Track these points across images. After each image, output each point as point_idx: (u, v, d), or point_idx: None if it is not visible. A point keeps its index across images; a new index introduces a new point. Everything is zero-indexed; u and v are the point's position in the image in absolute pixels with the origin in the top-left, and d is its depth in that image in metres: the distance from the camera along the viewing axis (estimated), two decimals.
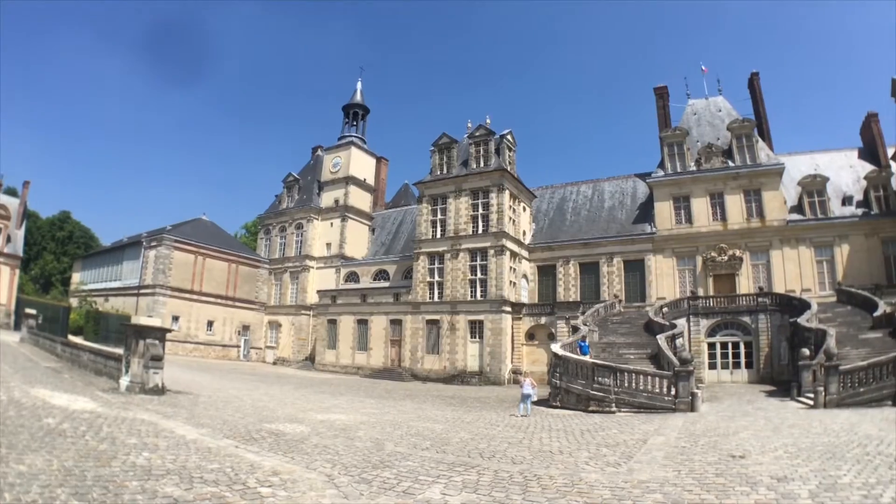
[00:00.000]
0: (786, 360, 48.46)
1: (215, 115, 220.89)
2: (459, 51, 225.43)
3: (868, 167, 64.26)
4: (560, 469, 15.25)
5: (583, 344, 40.21)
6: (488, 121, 67.94)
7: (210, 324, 74.21)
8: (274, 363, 76.01)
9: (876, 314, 46.05)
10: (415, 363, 63.64)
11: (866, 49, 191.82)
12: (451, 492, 12.41)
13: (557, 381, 35.62)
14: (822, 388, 31.79)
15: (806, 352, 37.75)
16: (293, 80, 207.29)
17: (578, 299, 62.59)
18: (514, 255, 64.38)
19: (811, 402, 32.13)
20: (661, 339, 40.47)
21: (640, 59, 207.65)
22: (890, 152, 63.72)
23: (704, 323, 53.34)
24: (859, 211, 60.66)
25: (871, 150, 67.33)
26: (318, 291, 75.63)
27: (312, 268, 79.68)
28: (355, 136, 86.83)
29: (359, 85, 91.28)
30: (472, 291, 62.79)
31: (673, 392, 31.87)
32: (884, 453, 16.34)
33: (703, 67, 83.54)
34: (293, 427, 21.38)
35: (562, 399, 34.88)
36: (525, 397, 30.10)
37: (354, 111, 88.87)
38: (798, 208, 61.56)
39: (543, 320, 60.95)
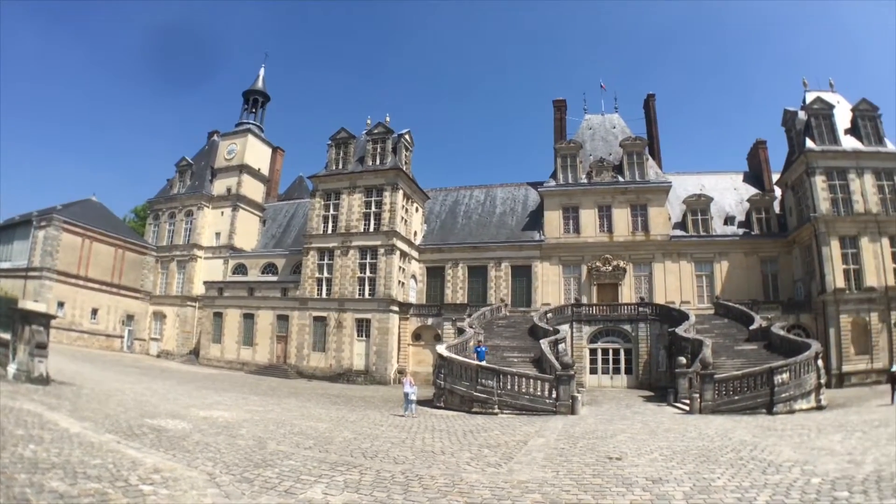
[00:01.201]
0: (664, 367, 49.76)
1: (114, 88, 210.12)
2: (366, 46, 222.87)
3: (752, 190, 67.76)
4: (442, 469, 15.27)
5: (480, 349, 39.29)
6: (388, 119, 66.54)
7: (94, 312, 69.16)
8: (158, 356, 71.59)
9: (752, 327, 48.53)
10: (301, 360, 61.39)
11: (762, 80, 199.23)
12: (333, 491, 12.33)
13: (442, 383, 35.39)
14: (697, 395, 32.85)
15: (683, 360, 39.44)
16: (198, 60, 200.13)
17: (466, 302, 62.23)
18: (404, 255, 63.36)
19: (687, 408, 33.00)
20: (545, 343, 40.87)
21: (544, 72, 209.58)
22: (775, 178, 67.13)
23: (587, 329, 54.00)
24: (741, 231, 64.02)
25: (756, 175, 70.76)
26: (205, 283, 72.35)
27: (200, 257, 75.55)
28: (253, 124, 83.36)
29: (261, 71, 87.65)
30: (360, 289, 61.26)
31: (554, 395, 32.21)
32: (757, 458, 16.76)
33: (602, 85, 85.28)
34: (175, 423, 20.82)
35: (446, 400, 34.73)
36: (406, 396, 30.08)
37: (255, 98, 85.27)
38: (682, 225, 64.14)
39: (430, 321, 60.20)
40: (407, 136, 67.42)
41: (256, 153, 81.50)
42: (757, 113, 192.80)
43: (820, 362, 36.93)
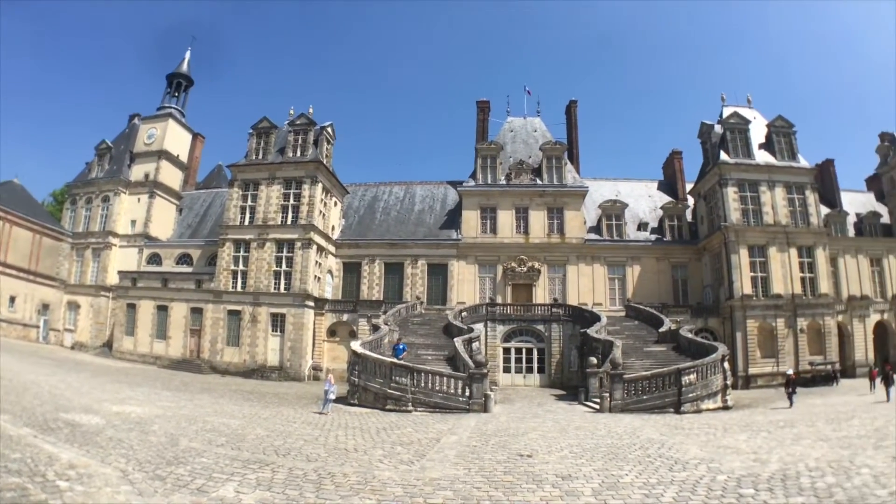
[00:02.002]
0: (575, 366, 49.81)
1: (38, 67, 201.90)
2: (295, 37, 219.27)
3: (666, 198, 69.44)
4: (354, 467, 15.22)
5: (398, 347, 39.10)
6: (311, 110, 64.63)
7: (12, 300, 65.05)
8: (72, 347, 67.62)
9: (661, 329, 49.71)
10: (214, 355, 58.90)
11: (683, 92, 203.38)
12: (246, 490, 12.23)
13: (356, 380, 34.91)
14: (607, 394, 33.21)
15: (594, 360, 39.92)
16: (125, 41, 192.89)
17: (382, 299, 61.06)
18: (321, 249, 61.90)
19: (597, 407, 33.22)
20: (459, 342, 40.40)
21: (471, 73, 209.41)
22: (688, 187, 69.39)
23: (501, 329, 53.66)
24: (653, 237, 65.47)
25: (670, 184, 72.62)
26: (119, 272, 68.60)
27: (115, 246, 71.48)
28: (175, 108, 79.70)
29: (187, 54, 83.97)
30: (276, 283, 59.07)
31: (468, 393, 32.33)
32: (665, 456, 17.19)
33: (527, 89, 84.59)
34: (88, 418, 20.55)
35: (360, 397, 34.33)
36: (325, 393, 29.62)
37: (178, 81, 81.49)
38: (597, 229, 65.16)
39: (346, 317, 58.77)
40: (329, 129, 65.90)
41: (176, 139, 77.89)
42: (675, 124, 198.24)
43: (726, 364, 37.62)
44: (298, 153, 63.09)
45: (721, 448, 18.63)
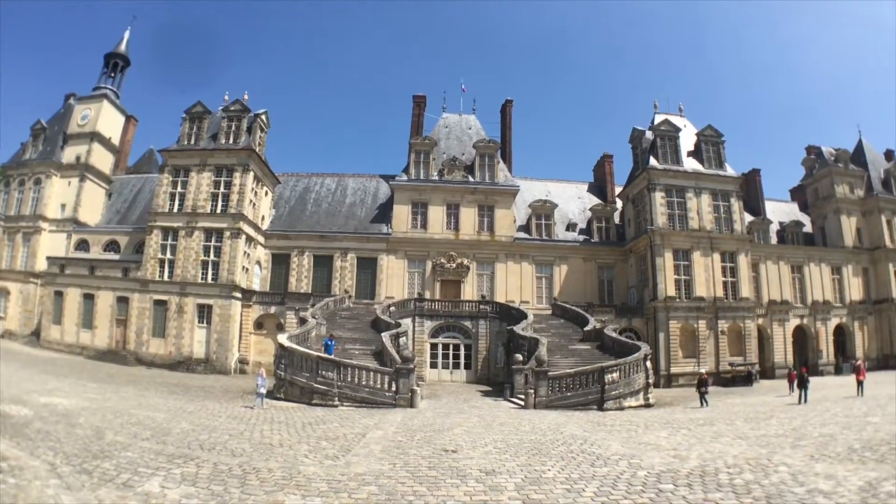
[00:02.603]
0: (502, 363, 50.52)
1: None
2: (236, 23, 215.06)
3: (595, 200, 70.66)
4: (279, 462, 15.08)
5: (329, 342, 38.58)
6: (246, 97, 62.49)
7: None
8: (1, 336, 65.52)
9: (587, 328, 50.39)
10: (140, 346, 56.57)
11: (618, 98, 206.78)
12: (171, 484, 12.01)
13: (283, 373, 34.63)
14: (532, 391, 33.51)
15: (519, 357, 40.11)
16: (70, 17, 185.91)
17: (310, 291, 59.69)
18: (250, 239, 60.05)
19: (522, 403, 33.75)
20: (386, 336, 40.77)
21: (409, 68, 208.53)
22: (617, 190, 70.54)
23: (429, 324, 53.82)
24: (581, 237, 66.43)
25: (600, 186, 73.96)
26: (48, 258, 65.78)
27: (45, 230, 67.94)
28: (110, 89, 76.17)
29: (126, 34, 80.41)
30: (203, 273, 56.71)
31: (394, 388, 32.37)
32: (587, 452, 17.43)
33: (463, 86, 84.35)
34: (17, 409, 20.34)
35: (286, 391, 34.02)
36: (257, 388, 29.51)
37: (115, 61, 77.93)
38: (526, 228, 65.62)
39: (273, 310, 56.98)
40: (263, 117, 64.15)
41: (110, 121, 74.61)
42: (608, 128, 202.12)
43: (649, 363, 38.64)
44: (231, 140, 61.16)
45: (642, 444, 18.95)
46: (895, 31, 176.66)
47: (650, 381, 37.55)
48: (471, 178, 65.53)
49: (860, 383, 36.86)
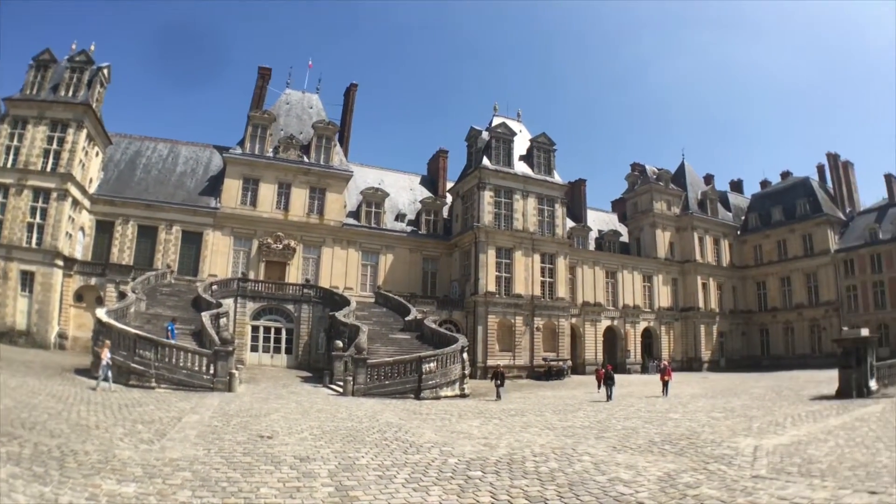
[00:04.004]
0: (323, 349, 50.94)
1: None
2: None
3: (426, 193, 73.97)
4: (96, 444, 14.89)
5: (171, 326, 38.01)
6: (92, 48, 59.57)
7: None
8: None
9: (408, 318, 52.77)
10: None
11: (463, 95, 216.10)
12: None
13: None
14: (351, 378, 34.61)
15: (340, 343, 40.88)
16: None
17: (132, 264, 57.08)
18: (76, 203, 55.67)
19: (341, 390, 34.69)
20: (206, 316, 40.04)
21: (260, 37, 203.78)
22: (449, 185, 74.59)
23: (251, 306, 53.58)
24: (409, 228, 69.41)
25: (433, 180, 77.22)
26: None
27: None
28: None
29: None
30: (28, 237, 52.60)
31: (212, 371, 32.29)
32: (401, 439, 18.23)
33: (311, 63, 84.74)
34: None
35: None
36: (102, 367, 28.47)
37: None
38: (356, 214, 67.37)
39: (94, 281, 53.92)
40: (105, 71, 59.75)
41: None
42: (448, 125, 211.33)
43: (466, 355, 40.99)
44: (71, 93, 56.81)
45: (455, 433, 20.15)
46: (722, 65, 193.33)
47: (466, 372, 39.92)
48: (306, 159, 66.20)
49: (665, 383, 39.22)
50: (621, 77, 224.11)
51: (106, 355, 28.57)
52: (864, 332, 33.45)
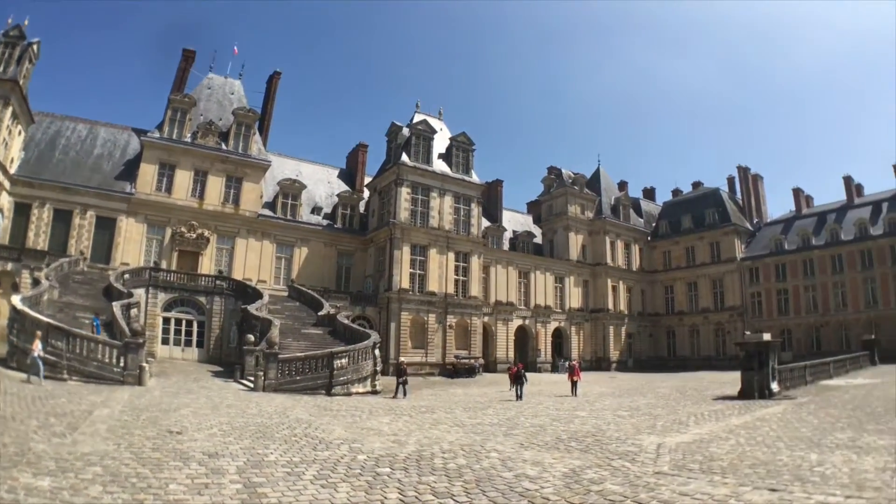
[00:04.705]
0: (235, 343, 50.30)
1: None
2: None
3: (344, 187, 75.07)
4: (13, 437, 14.92)
5: (97, 321, 37.75)
6: (26, 22, 56.44)
7: None
8: None
9: (321, 313, 52.86)
10: None
11: (388, 91, 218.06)
12: None
13: (16, 340, 32.60)
14: (262, 373, 34.59)
15: (251, 338, 40.83)
16: None
17: (47, 249, 54.66)
18: None
19: (252, 385, 34.62)
20: (117, 306, 39.23)
21: (190, 17, 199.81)
22: (367, 180, 75.54)
23: (163, 296, 52.43)
24: (325, 222, 70.28)
25: (351, 174, 78.27)
26: None
27: None
28: None
29: None
30: None
31: (123, 364, 31.67)
32: (311, 436, 18.23)
33: (236, 49, 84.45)
34: None
35: (19, 360, 31.37)
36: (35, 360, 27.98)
37: None
38: (272, 206, 67.62)
39: (10, 266, 50.25)
40: (35, 47, 56.67)
41: None
42: (371, 119, 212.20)
43: (378, 352, 41.83)
44: (1, 68, 54.06)
45: (365, 430, 20.14)
46: (645, 77, 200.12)
47: (378, 368, 40.70)
48: (224, 146, 65.44)
49: (574, 384, 39.17)
50: (551, 82, 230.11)
51: (37, 347, 28.24)
52: (767, 336, 34.97)
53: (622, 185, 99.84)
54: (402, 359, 46.10)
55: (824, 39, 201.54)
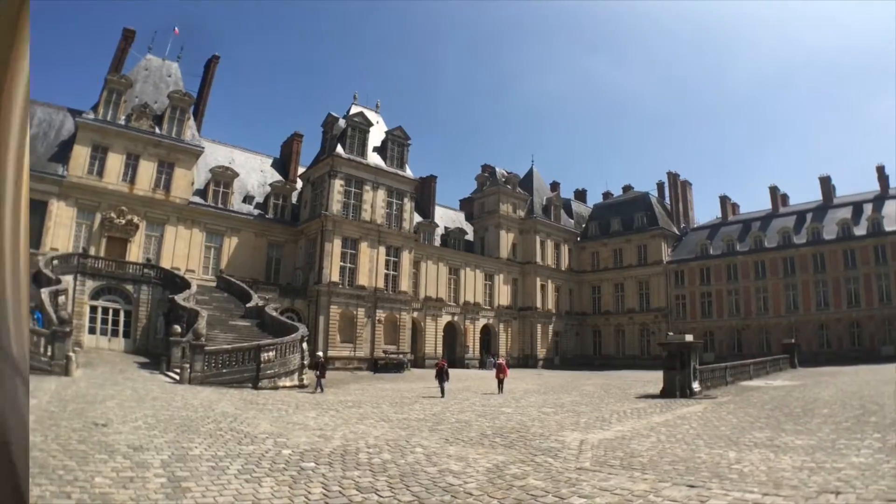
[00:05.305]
0: (162, 334, 49.54)
1: None
2: None
3: (277, 177, 75.08)
4: None
5: (39, 315, 36.09)
6: None
7: None
8: None
9: (249, 305, 52.56)
10: None
11: (330, 80, 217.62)
12: None
13: None
14: (188, 365, 34.37)
15: (178, 329, 40.13)
16: None
17: None
18: None
19: (178, 378, 34.30)
20: (46, 293, 38.54)
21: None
22: (301, 171, 75.61)
23: (91, 284, 51.34)
24: (256, 212, 69.97)
25: (285, 164, 77.93)
26: None
27: None
28: None
29: None
30: None
31: (50, 353, 31.26)
32: (236, 430, 18.42)
33: (176, 30, 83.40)
34: None
35: None
36: None
37: None
38: (203, 193, 66.69)
39: None
40: None
41: None
42: (308, 109, 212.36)
43: (306, 345, 42.09)
44: None
45: (291, 424, 20.37)
46: (586, 83, 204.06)
47: (306, 362, 40.47)
48: (158, 130, 63.84)
49: (501, 381, 39.20)
50: (493, 82, 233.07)
51: None
52: (689, 337, 36.36)
53: (554, 186, 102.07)
54: (318, 353, 45.57)
55: (754, 55, 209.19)
